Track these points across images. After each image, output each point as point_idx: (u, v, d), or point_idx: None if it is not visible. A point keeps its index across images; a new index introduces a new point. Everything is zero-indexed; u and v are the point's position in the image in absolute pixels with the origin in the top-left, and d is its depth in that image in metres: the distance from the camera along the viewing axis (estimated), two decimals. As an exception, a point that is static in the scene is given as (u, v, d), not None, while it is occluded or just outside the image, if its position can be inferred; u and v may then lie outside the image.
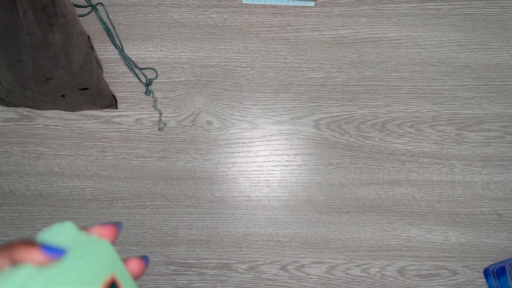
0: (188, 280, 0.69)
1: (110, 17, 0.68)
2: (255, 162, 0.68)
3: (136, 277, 0.30)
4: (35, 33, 0.53)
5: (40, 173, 0.69)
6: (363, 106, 0.68)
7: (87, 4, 0.67)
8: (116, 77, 0.68)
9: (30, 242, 0.25)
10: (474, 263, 0.69)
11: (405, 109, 0.67)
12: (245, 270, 0.69)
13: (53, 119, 0.69)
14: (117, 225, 0.29)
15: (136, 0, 0.68)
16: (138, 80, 0.68)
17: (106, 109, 0.68)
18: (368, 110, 0.68)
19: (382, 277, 0.68)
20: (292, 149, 0.68)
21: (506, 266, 0.65)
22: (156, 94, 0.68)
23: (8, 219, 0.70)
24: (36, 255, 0.25)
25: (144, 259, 0.31)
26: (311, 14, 0.67)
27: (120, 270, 0.30)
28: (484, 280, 0.69)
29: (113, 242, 0.32)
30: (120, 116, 0.69)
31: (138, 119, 0.68)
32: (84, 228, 0.29)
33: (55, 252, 0.25)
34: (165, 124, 0.68)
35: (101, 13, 0.67)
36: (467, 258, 0.69)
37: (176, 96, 0.68)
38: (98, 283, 0.27)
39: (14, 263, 0.26)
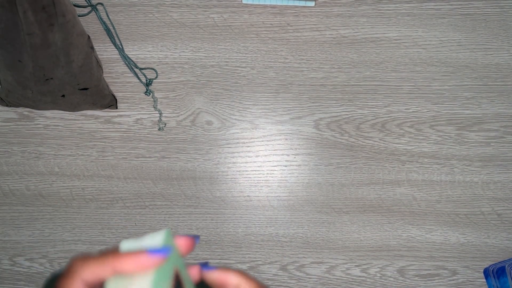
0: (188, 280, 0.69)
1: (110, 17, 0.68)
2: (255, 162, 0.68)
3: (184, 254, 0.31)
4: (35, 33, 0.53)
5: (40, 173, 0.69)
6: (363, 106, 0.68)
7: (87, 4, 0.67)
8: (116, 77, 0.68)
9: (130, 251, 0.26)
10: (474, 263, 0.69)
11: (405, 109, 0.68)
12: (245, 270, 0.69)
13: (53, 119, 0.69)
14: (195, 238, 0.31)
15: (136, 0, 0.68)
16: (138, 80, 0.68)
17: (106, 109, 0.68)
18: (368, 110, 0.68)
19: (382, 277, 0.68)
20: (292, 149, 0.68)
21: (506, 266, 0.65)
22: (156, 94, 0.68)
23: (8, 219, 0.70)
24: (144, 259, 0.26)
25: (195, 238, 0.32)
26: (311, 14, 0.67)
27: (177, 259, 0.32)
28: (484, 280, 0.69)
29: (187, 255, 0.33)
30: (120, 116, 0.69)
31: (138, 119, 0.68)
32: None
33: (161, 252, 0.27)
34: (165, 124, 0.68)
35: (101, 13, 0.67)
36: (467, 258, 0.69)
37: (176, 96, 0.68)
38: (169, 277, 0.29)
39: (117, 272, 0.27)
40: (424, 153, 0.68)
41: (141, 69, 0.68)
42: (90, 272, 0.26)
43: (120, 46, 0.68)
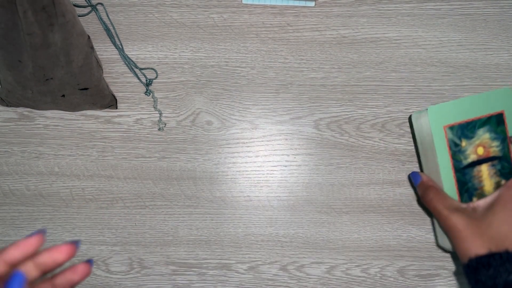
0: (188, 280, 0.69)
1: (110, 17, 0.68)
2: (255, 162, 0.68)
3: (65, 261, 0.36)
4: (35, 33, 0.53)
5: (40, 173, 0.69)
6: (363, 106, 0.68)
7: (87, 4, 0.67)
8: (116, 77, 0.68)
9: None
10: (474, 263, 0.69)
11: (405, 109, 0.67)
12: (245, 270, 0.69)
13: (53, 119, 0.69)
14: (75, 243, 0.36)
15: (136, 0, 0.68)
16: (138, 80, 0.68)
17: (106, 109, 0.68)
18: (368, 110, 0.68)
19: (382, 277, 0.68)
20: (292, 149, 0.68)
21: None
22: (156, 94, 0.68)
23: (8, 219, 0.70)
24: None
25: (75, 243, 0.39)
26: (311, 14, 0.67)
27: (509, 113, 0.52)
28: (484, 280, 0.69)
29: None
30: (120, 116, 0.69)
31: (138, 119, 0.68)
32: None
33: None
34: (165, 124, 0.68)
35: (101, 13, 0.67)
36: (467, 258, 0.69)
37: (176, 96, 0.68)
38: (484, 112, 0.51)
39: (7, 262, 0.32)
40: (424, 153, 0.68)
41: (141, 69, 0.68)
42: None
43: (120, 46, 0.68)
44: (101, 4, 0.67)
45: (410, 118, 0.66)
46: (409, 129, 0.67)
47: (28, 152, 0.69)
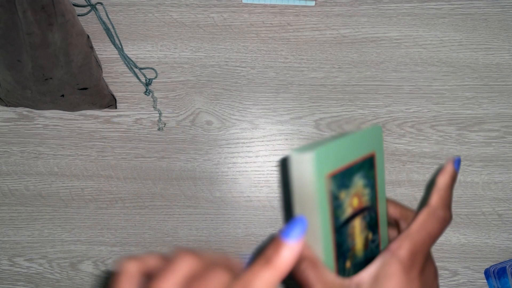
0: (188, 280, 0.69)
1: (110, 16, 0.67)
2: (255, 162, 0.68)
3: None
4: (34, 33, 0.53)
5: (40, 173, 0.69)
6: (363, 106, 0.67)
7: (86, 4, 0.67)
8: (116, 77, 0.68)
9: None
10: (475, 263, 0.69)
11: (406, 109, 0.67)
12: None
13: (53, 119, 0.68)
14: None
15: (136, 0, 0.67)
16: (137, 80, 0.68)
17: (105, 109, 0.68)
18: (368, 110, 0.67)
19: (383, 278, 0.68)
20: (292, 149, 0.68)
21: (507, 266, 0.65)
22: (155, 94, 0.68)
23: (7, 219, 0.69)
24: None
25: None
26: (311, 14, 0.67)
27: (381, 157, 0.42)
28: (485, 280, 0.69)
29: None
30: (120, 116, 0.68)
31: (137, 119, 0.68)
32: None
33: None
34: (165, 124, 0.68)
35: (100, 13, 0.67)
36: (468, 259, 0.69)
37: (176, 96, 0.68)
38: (359, 154, 0.40)
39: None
40: (425, 153, 0.67)
41: (140, 69, 0.68)
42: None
43: (120, 46, 0.67)
44: (101, 3, 0.67)
45: (286, 159, 0.58)
46: (409, 129, 0.67)
47: (27, 152, 0.69)
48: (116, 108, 0.68)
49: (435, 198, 0.41)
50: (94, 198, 0.69)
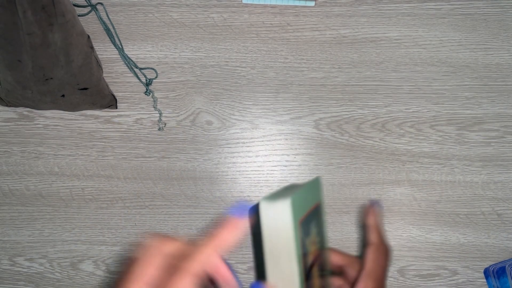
0: (188, 280, 0.69)
1: (110, 16, 0.67)
2: (255, 162, 0.68)
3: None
4: (34, 33, 0.53)
5: (40, 173, 0.69)
6: (363, 106, 0.68)
7: (86, 4, 0.67)
8: (116, 77, 0.68)
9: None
10: (474, 263, 0.69)
11: (406, 109, 0.67)
12: (245, 270, 0.69)
13: (53, 119, 0.69)
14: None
15: (136, 0, 0.67)
16: (138, 80, 0.68)
17: (105, 109, 0.68)
18: (368, 110, 0.68)
19: (382, 277, 0.68)
20: (292, 149, 0.68)
21: (506, 266, 0.65)
22: (156, 94, 0.68)
23: (8, 219, 0.70)
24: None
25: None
26: (311, 14, 0.67)
27: (323, 207, 0.43)
28: (485, 280, 0.69)
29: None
30: (120, 116, 0.68)
31: (138, 119, 0.68)
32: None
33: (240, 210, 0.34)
34: (165, 124, 0.68)
35: (100, 13, 0.67)
36: (467, 258, 0.69)
37: (176, 96, 0.68)
38: (312, 204, 0.41)
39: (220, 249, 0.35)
40: (425, 153, 0.68)
41: (141, 69, 0.68)
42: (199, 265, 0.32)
43: (120, 46, 0.68)
44: (101, 4, 0.67)
45: (253, 208, 0.55)
46: (410, 129, 0.67)
47: (27, 152, 0.69)
48: (116, 108, 0.68)
49: (374, 236, 0.45)
50: (94, 198, 0.69)
